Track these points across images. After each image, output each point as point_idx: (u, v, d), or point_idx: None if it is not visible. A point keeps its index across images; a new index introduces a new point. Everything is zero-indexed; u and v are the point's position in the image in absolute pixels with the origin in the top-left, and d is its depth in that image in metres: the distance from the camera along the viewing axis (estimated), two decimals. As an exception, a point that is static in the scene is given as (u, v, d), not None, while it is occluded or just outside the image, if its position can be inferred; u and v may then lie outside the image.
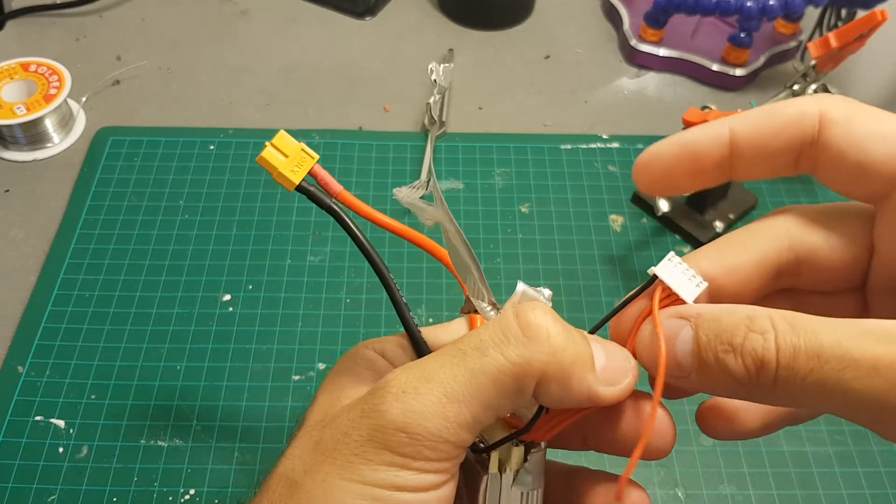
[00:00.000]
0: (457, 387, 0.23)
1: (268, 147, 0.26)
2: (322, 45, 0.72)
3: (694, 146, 0.25)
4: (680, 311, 0.23)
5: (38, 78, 0.62)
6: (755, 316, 0.21)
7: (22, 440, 0.46)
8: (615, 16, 0.75)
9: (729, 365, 0.21)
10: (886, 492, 0.46)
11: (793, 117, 0.24)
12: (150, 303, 0.53)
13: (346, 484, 0.23)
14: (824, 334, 0.20)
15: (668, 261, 0.24)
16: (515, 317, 0.23)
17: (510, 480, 0.26)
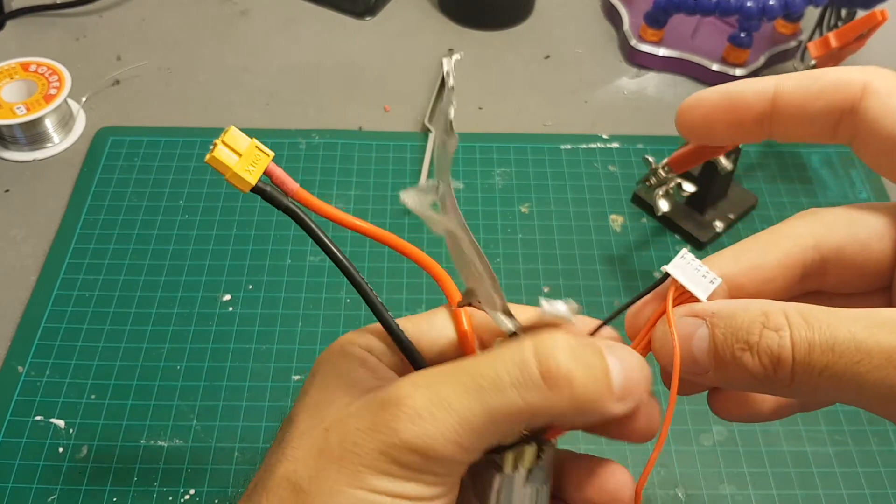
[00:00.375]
0: (473, 419, 0.23)
1: (219, 145, 0.24)
2: (322, 45, 0.72)
3: (737, 96, 0.25)
4: (695, 309, 0.23)
5: (38, 78, 0.62)
6: (770, 312, 0.22)
7: (22, 440, 0.46)
8: (615, 16, 0.75)
9: (746, 363, 0.22)
10: (886, 492, 0.46)
11: (836, 82, 0.24)
12: (150, 303, 0.53)
13: (353, 491, 0.23)
14: (838, 327, 0.20)
15: (680, 258, 0.24)
16: (536, 360, 0.23)
17: (523, 479, 0.26)
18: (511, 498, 0.26)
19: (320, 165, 0.61)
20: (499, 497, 0.26)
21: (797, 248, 0.25)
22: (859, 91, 0.24)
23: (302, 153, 0.62)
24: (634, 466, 0.47)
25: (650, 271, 0.56)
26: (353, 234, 0.27)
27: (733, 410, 0.28)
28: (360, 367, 0.27)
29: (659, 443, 0.24)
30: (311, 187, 0.59)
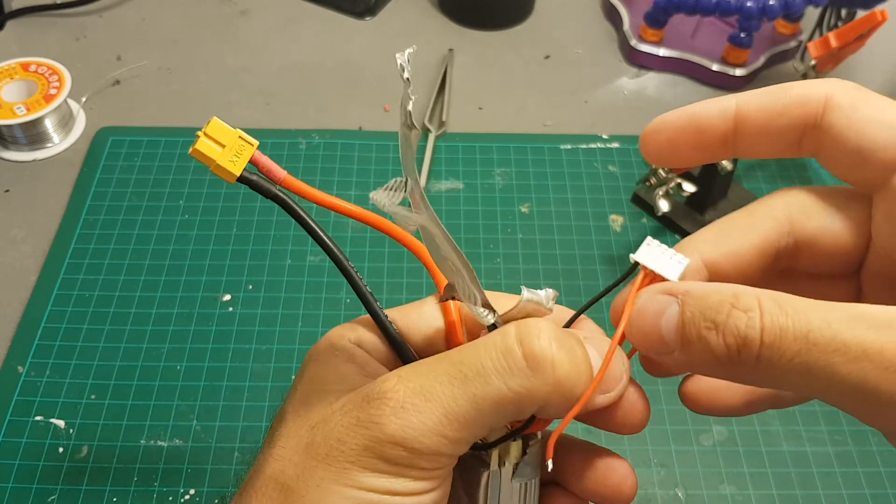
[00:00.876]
0: (457, 409, 0.23)
1: (201, 137, 0.24)
2: (322, 45, 0.72)
3: (700, 118, 0.25)
4: (669, 287, 0.23)
5: (38, 78, 0.62)
6: (741, 294, 0.21)
7: (22, 440, 0.46)
8: (615, 16, 0.75)
9: (710, 342, 0.21)
10: (886, 492, 0.46)
11: (798, 97, 0.24)
12: (150, 303, 0.53)
13: (341, 489, 0.23)
14: (814, 316, 0.20)
15: (646, 245, 0.24)
16: (519, 344, 0.23)
17: (510, 474, 0.26)
18: (499, 493, 0.26)
19: (320, 165, 0.61)
20: (486, 493, 0.26)
21: (774, 233, 0.25)
22: (821, 105, 0.24)
23: (302, 153, 0.62)
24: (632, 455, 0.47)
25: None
26: (353, 236, 0.28)
27: (702, 402, 0.27)
28: (348, 362, 0.27)
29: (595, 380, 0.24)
30: (311, 187, 0.59)
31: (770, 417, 0.49)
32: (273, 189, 0.25)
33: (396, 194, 0.23)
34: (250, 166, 0.25)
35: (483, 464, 0.26)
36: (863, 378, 0.19)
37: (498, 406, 0.23)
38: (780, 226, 0.25)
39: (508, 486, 0.26)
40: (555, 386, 0.23)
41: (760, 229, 0.25)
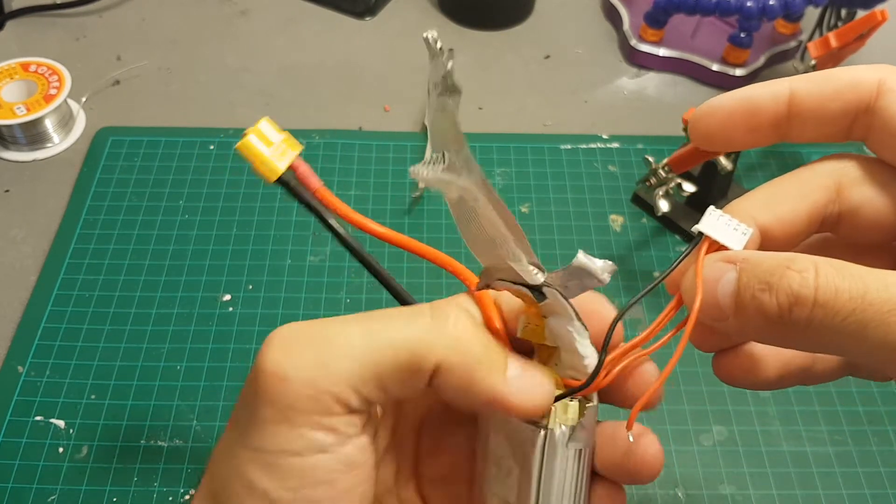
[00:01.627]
0: (345, 340, 0.22)
1: (251, 133, 0.25)
2: (322, 45, 0.72)
3: (754, 101, 0.25)
4: (728, 255, 0.23)
5: (37, 78, 0.62)
6: (795, 258, 0.22)
7: (22, 440, 0.46)
8: (615, 16, 0.75)
9: (763, 302, 0.21)
10: (886, 492, 0.46)
11: (851, 81, 0.25)
12: (150, 303, 0.53)
13: (242, 452, 0.22)
14: (870, 279, 0.20)
15: (708, 215, 0.25)
16: (430, 304, 0.23)
17: (566, 437, 0.25)
18: (555, 457, 0.25)
19: (320, 165, 0.61)
20: (543, 455, 0.25)
21: (823, 200, 0.25)
22: (874, 90, 0.24)
23: (302, 153, 0.62)
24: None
25: (650, 271, 0.56)
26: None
27: (737, 374, 0.27)
28: None
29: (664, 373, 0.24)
30: (311, 187, 0.59)
31: (770, 418, 0.49)
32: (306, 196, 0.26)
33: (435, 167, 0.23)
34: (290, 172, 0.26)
35: (538, 427, 0.25)
36: None
37: (391, 348, 0.22)
38: (829, 193, 0.25)
39: (564, 451, 0.25)
40: (454, 343, 0.23)
41: (811, 196, 0.25)
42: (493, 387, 0.23)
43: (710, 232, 0.24)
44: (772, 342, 0.23)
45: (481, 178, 0.23)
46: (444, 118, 0.23)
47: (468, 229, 0.25)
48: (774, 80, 0.26)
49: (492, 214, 0.23)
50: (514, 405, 0.24)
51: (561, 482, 0.25)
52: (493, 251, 0.24)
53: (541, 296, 0.25)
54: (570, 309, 0.25)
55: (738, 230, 0.24)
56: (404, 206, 0.58)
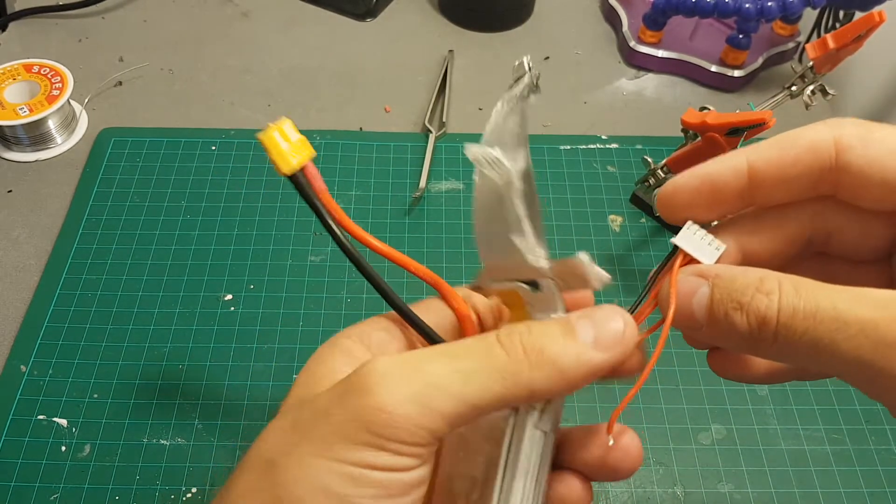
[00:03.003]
0: (444, 380, 0.23)
1: (274, 128, 0.26)
2: (323, 47, 0.72)
3: (713, 178, 0.27)
4: (702, 269, 0.25)
5: (40, 79, 0.62)
6: (765, 278, 0.23)
7: (25, 439, 0.46)
8: (614, 17, 0.75)
9: (735, 320, 0.23)
10: (884, 490, 0.46)
11: (808, 145, 0.25)
12: (153, 302, 0.53)
13: (321, 462, 0.23)
14: (822, 297, 0.22)
15: (686, 229, 0.27)
16: (497, 339, 0.24)
17: (535, 419, 0.26)
18: (523, 437, 0.26)
19: (321, 166, 0.61)
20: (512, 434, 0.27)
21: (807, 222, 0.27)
22: (832, 149, 0.25)
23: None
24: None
25: (649, 271, 0.56)
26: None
27: (729, 368, 0.29)
28: (344, 355, 0.27)
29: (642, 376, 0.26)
30: (312, 188, 0.59)
31: (768, 416, 0.49)
32: (311, 196, 0.27)
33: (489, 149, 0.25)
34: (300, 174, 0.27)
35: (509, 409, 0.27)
36: (860, 353, 0.21)
37: (483, 385, 0.23)
38: (814, 217, 0.27)
39: (531, 433, 0.26)
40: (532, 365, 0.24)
41: (797, 220, 0.27)
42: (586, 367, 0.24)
43: (684, 246, 0.26)
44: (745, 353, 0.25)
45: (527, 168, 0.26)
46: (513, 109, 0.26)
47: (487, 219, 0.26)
48: (730, 153, 0.27)
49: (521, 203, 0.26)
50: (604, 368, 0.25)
51: (526, 462, 0.27)
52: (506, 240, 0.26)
53: (535, 288, 0.26)
54: (560, 303, 0.26)
55: (712, 245, 0.26)
56: (405, 206, 0.59)
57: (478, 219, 0.27)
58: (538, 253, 0.26)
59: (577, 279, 0.26)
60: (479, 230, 0.27)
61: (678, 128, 0.57)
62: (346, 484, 0.23)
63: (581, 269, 0.25)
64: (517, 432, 0.26)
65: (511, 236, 0.26)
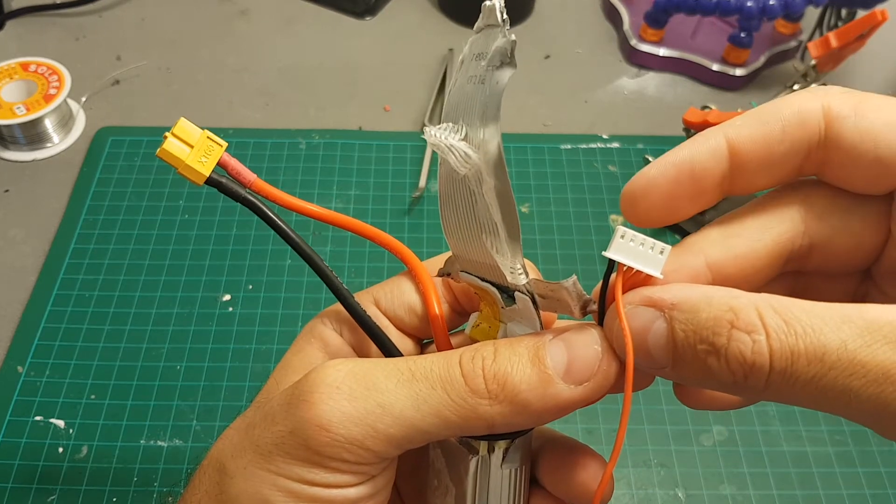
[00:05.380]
0: (395, 403, 0.21)
1: (169, 138, 0.23)
2: (322, 45, 0.72)
3: (692, 165, 0.22)
4: (652, 297, 0.21)
5: (37, 78, 0.62)
6: (738, 308, 0.19)
7: (22, 440, 0.46)
8: (615, 16, 0.75)
9: (711, 367, 0.19)
10: (887, 492, 0.46)
11: (795, 117, 0.22)
12: (150, 303, 0.53)
13: (263, 474, 0.22)
14: (826, 333, 0.18)
15: (620, 238, 0.21)
16: (459, 362, 0.22)
17: (499, 460, 0.25)
18: (488, 482, 0.25)
19: (320, 165, 0.61)
20: (476, 480, 0.25)
21: (788, 235, 0.23)
22: (821, 121, 0.21)
23: (302, 153, 0.62)
24: (633, 455, 0.47)
25: (650, 271, 0.56)
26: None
27: (701, 400, 0.25)
28: (320, 350, 0.26)
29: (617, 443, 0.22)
30: (311, 187, 0.59)
31: (770, 418, 0.49)
32: (242, 192, 0.25)
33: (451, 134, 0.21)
34: (219, 169, 0.24)
35: (471, 450, 0.25)
36: (886, 401, 0.18)
37: (438, 413, 0.21)
38: (796, 227, 0.23)
39: (498, 473, 0.25)
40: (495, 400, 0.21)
41: (774, 231, 0.23)
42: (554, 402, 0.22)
43: (622, 258, 0.21)
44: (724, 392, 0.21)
45: (498, 160, 0.21)
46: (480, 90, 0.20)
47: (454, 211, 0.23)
48: (705, 132, 0.22)
49: (493, 203, 0.21)
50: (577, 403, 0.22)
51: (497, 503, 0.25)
52: (476, 240, 0.22)
53: (510, 300, 0.23)
54: (537, 321, 0.23)
55: (655, 250, 0.21)
56: (404, 205, 0.58)
57: (444, 210, 0.23)
58: (516, 268, 0.23)
59: (562, 304, 0.22)
60: (446, 222, 0.24)
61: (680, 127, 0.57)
62: (285, 498, 0.22)
63: (565, 296, 0.22)
64: (482, 476, 0.25)
65: (483, 242, 0.22)
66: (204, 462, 0.24)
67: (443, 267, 0.25)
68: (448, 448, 0.26)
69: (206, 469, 0.24)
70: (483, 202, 0.21)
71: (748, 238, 0.23)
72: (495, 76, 0.20)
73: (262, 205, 0.25)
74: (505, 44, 0.20)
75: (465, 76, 0.21)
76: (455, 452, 0.25)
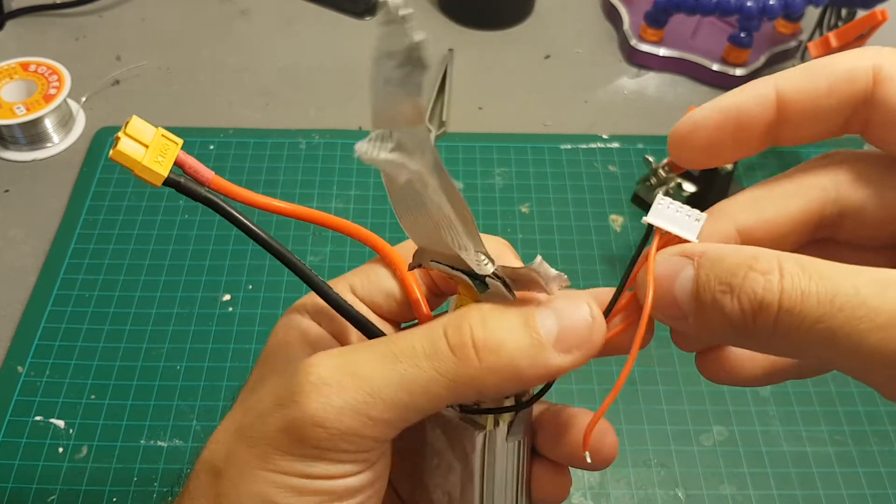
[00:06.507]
0: (385, 388, 0.21)
1: (122, 138, 0.22)
2: (322, 45, 0.72)
3: (739, 112, 0.23)
4: (685, 248, 0.22)
5: (37, 78, 0.62)
6: (759, 255, 0.20)
7: (22, 440, 0.46)
8: (615, 15, 0.75)
9: (724, 306, 0.20)
10: (887, 492, 0.46)
11: (845, 74, 0.22)
12: (150, 303, 0.53)
13: (262, 473, 0.22)
14: (840, 280, 0.18)
15: (658, 204, 0.23)
16: (445, 335, 0.22)
17: (504, 434, 0.25)
18: (495, 456, 0.25)
19: (320, 165, 0.61)
20: (484, 455, 0.25)
21: (818, 201, 0.23)
22: (870, 79, 0.22)
23: (302, 153, 0.62)
24: (633, 455, 0.47)
25: (650, 271, 0.56)
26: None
27: (721, 374, 0.25)
28: (301, 342, 0.26)
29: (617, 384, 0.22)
30: (311, 187, 0.59)
31: (770, 417, 0.49)
32: (201, 191, 0.24)
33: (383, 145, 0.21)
34: (176, 168, 0.23)
35: (476, 426, 0.25)
36: (891, 347, 0.18)
37: (428, 390, 0.21)
38: (826, 194, 0.23)
39: (503, 447, 0.25)
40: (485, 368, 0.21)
41: (805, 197, 0.23)
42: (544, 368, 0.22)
43: (660, 222, 0.22)
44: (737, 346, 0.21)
45: (435, 161, 0.21)
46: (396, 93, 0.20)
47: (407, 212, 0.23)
48: (756, 81, 0.23)
49: (442, 201, 0.21)
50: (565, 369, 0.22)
51: (503, 476, 0.25)
52: (436, 236, 0.23)
53: (483, 286, 0.23)
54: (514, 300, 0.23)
55: (692, 217, 0.22)
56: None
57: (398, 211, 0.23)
58: (481, 260, 0.23)
59: (533, 284, 0.22)
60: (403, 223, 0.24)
61: (680, 127, 0.57)
62: (288, 495, 0.22)
63: (535, 276, 0.22)
64: (489, 451, 0.25)
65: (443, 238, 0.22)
66: (196, 467, 0.24)
67: (412, 260, 0.25)
68: (450, 427, 0.26)
69: (200, 474, 0.24)
70: (433, 202, 0.21)
71: (777, 203, 0.23)
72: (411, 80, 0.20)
73: (222, 202, 0.24)
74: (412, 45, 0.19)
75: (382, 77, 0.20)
76: (458, 430, 0.25)
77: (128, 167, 0.22)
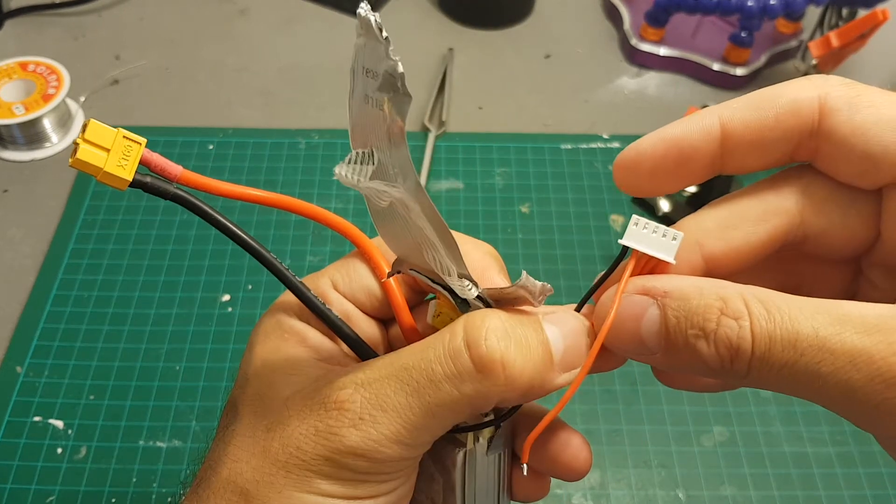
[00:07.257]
0: (413, 418, 0.22)
1: (81, 144, 0.21)
2: (321, 45, 0.72)
3: (683, 143, 0.23)
4: (646, 286, 0.22)
5: (36, 77, 0.62)
6: (728, 297, 0.20)
7: (20, 441, 0.46)
8: (616, 15, 0.74)
9: (701, 351, 0.20)
10: (888, 492, 0.46)
11: (790, 105, 0.22)
12: (149, 303, 0.52)
13: (304, 496, 0.23)
14: (801, 322, 0.19)
15: (633, 226, 0.23)
16: (467, 347, 0.22)
17: (484, 449, 0.26)
18: (475, 469, 0.26)
19: (320, 165, 0.61)
20: (464, 471, 0.26)
21: (783, 227, 0.23)
22: (815, 111, 0.22)
23: (302, 153, 0.61)
24: (633, 456, 0.47)
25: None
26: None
27: (678, 381, 0.26)
28: (300, 345, 0.26)
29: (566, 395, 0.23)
30: (310, 187, 0.59)
31: (771, 418, 0.48)
32: (171, 189, 0.23)
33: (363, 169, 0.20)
34: (142, 168, 0.23)
35: (457, 443, 0.26)
36: (852, 386, 0.19)
37: (452, 410, 0.22)
38: (791, 219, 0.23)
39: (484, 461, 0.26)
40: (507, 385, 0.22)
41: (770, 222, 0.23)
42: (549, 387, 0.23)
43: (637, 245, 0.22)
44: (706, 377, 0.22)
45: (416, 185, 0.20)
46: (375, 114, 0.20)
47: (389, 229, 0.23)
48: (702, 111, 0.23)
49: (425, 225, 0.22)
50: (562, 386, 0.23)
51: (484, 485, 0.26)
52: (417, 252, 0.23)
53: (464, 305, 0.23)
54: None
55: (668, 237, 0.22)
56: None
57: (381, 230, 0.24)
58: (464, 284, 0.23)
59: (521, 300, 0.23)
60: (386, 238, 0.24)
61: (680, 127, 0.57)
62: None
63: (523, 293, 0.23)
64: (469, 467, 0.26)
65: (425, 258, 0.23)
66: (215, 485, 0.24)
67: (392, 267, 0.25)
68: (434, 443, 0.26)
69: (222, 493, 0.24)
70: (416, 225, 0.22)
71: (745, 230, 0.23)
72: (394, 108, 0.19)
73: (193, 198, 0.24)
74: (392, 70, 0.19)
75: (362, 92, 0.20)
76: (438, 446, 0.26)
77: (90, 174, 0.21)
